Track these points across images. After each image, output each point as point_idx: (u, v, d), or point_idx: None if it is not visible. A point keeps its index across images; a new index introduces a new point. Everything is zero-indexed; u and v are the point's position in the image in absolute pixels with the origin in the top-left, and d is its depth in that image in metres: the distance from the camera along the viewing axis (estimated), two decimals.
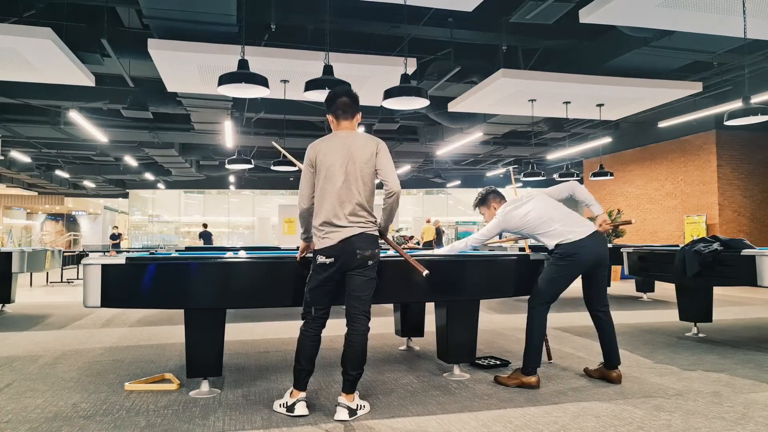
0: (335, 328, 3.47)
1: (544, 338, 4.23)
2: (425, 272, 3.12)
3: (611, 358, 3.66)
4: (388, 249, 3.64)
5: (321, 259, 3.00)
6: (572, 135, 13.68)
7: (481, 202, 4.10)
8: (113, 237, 18.49)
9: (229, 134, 11.59)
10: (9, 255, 6.71)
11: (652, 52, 7.17)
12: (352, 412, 2.95)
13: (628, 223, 4.37)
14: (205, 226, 18.49)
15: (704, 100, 10.76)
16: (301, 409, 2.98)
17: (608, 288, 8.76)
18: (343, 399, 2.97)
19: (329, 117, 3.17)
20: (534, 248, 5.19)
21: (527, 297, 3.75)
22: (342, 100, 3.13)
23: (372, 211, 3.08)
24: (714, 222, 12.91)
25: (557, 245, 3.62)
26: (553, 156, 15.39)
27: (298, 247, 3.38)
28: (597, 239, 3.62)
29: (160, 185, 23.02)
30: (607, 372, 3.66)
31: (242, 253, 4.39)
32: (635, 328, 5.83)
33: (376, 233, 3.09)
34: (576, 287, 3.93)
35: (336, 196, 2.99)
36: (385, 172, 3.05)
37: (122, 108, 9.93)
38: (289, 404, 3.00)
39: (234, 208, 26.29)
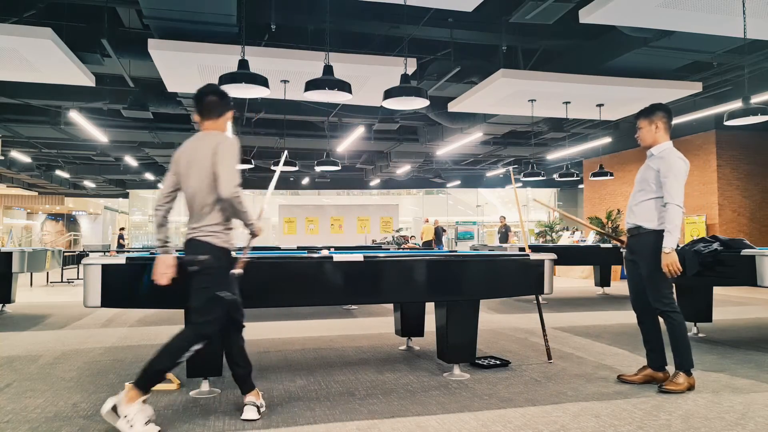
0: (336, 328, 3.47)
1: (544, 337, 4.24)
2: (237, 272, 2.94)
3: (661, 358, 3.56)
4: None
5: None
6: (572, 135, 13.67)
7: (647, 113, 3.48)
8: (122, 238, 18.71)
9: (229, 134, 11.58)
10: (9, 255, 6.71)
11: (652, 52, 7.17)
12: (258, 409, 2.90)
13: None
14: None
15: (704, 100, 10.76)
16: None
17: (608, 288, 8.81)
18: (249, 398, 2.92)
19: (195, 117, 3.06)
20: (534, 248, 5.18)
21: (527, 297, 3.74)
22: (209, 99, 2.96)
23: (212, 215, 2.88)
24: (714, 222, 12.91)
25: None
26: (553, 156, 15.39)
27: (298, 248, 3.38)
28: None
29: (161, 185, 23.02)
30: (654, 373, 3.58)
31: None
32: (635, 328, 5.82)
33: (207, 239, 2.85)
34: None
35: (186, 199, 2.95)
36: (216, 174, 2.78)
37: (122, 108, 9.93)
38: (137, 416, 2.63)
39: None
